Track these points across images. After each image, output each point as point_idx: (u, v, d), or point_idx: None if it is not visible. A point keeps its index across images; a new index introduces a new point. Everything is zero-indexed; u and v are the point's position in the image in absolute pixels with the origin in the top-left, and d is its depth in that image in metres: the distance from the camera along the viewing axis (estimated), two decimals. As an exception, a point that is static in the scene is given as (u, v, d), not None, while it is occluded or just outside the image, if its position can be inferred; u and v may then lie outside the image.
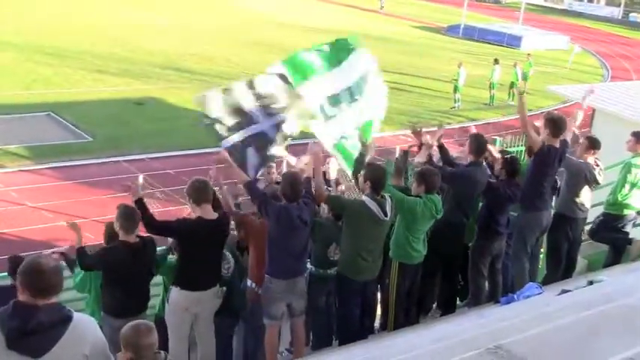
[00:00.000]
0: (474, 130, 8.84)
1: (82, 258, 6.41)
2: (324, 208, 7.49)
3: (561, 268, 8.45)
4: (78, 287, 6.96)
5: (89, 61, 29.65)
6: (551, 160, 7.58)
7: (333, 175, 9.38)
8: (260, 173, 7.98)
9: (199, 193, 6.48)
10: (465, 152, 8.05)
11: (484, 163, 8.02)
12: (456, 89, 28.32)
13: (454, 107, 28.14)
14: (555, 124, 7.51)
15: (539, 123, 7.96)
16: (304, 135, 7.86)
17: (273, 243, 6.55)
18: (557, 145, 7.55)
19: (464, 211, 7.84)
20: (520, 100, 7.90)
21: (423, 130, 8.16)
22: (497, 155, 8.40)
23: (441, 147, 8.14)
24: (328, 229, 7.22)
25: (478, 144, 7.90)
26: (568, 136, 8.03)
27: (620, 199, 8.69)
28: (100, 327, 4.34)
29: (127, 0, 47.66)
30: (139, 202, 6.41)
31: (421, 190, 7.12)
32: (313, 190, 6.83)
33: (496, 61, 29.72)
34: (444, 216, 7.29)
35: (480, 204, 8.46)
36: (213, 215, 6.52)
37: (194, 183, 6.53)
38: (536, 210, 7.73)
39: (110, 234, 6.65)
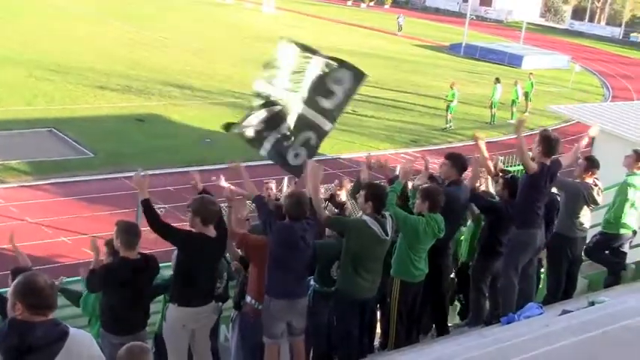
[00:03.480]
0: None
1: (91, 280, 6.38)
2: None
3: (562, 288, 8.43)
4: (87, 310, 6.89)
5: (90, 78, 29.76)
6: (542, 179, 7.44)
7: (343, 197, 9.43)
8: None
9: (210, 214, 6.45)
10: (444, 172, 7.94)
11: (464, 182, 7.97)
12: (448, 109, 27.74)
13: (446, 128, 27.64)
14: (550, 143, 7.41)
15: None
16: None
17: (274, 262, 6.52)
18: (548, 163, 7.44)
19: (446, 233, 7.63)
20: (519, 126, 7.64)
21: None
22: (491, 169, 8.34)
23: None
24: (332, 248, 7.18)
25: (461, 163, 7.88)
26: (567, 160, 7.94)
27: (616, 217, 8.67)
28: (100, 345, 4.33)
29: (128, 16, 47.95)
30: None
31: (424, 207, 7.12)
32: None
33: (497, 80, 29.63)
34: None
35: (469, 224, 8.50)
36: (214, 233, 6.53)
37: (206, 203, 6.47)
38: (528, 228, 7.58)
39: (111, 251, 6.64)
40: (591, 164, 8.38)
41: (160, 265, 6.73)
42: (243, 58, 36.58)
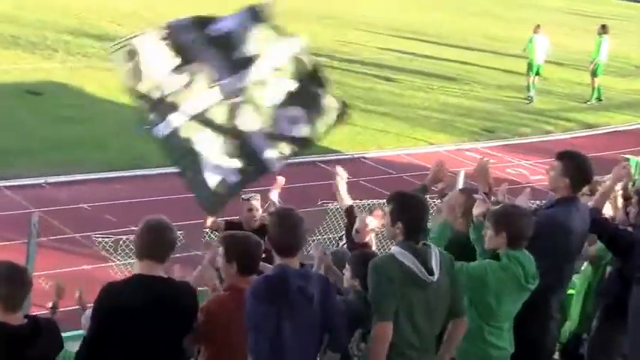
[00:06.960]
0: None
1: None
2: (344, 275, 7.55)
3: None
4: None
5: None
6: None
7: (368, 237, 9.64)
8: None
9: (154, 241, 6.41)
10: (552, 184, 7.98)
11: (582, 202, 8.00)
12: (530, 68, 28.15)
13: (528, 99, 28.35)
14: None
15: None
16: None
17: (256, 339, 6.36)
18: None
19: (556, 283, 7.77)
20: None
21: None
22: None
23: None
24: (351, 307, 7.15)
25: (578, 167, 7.80)
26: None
27: None
28: None
29: None
30: None
31: (501, 241, 7.12)
32: None
33: (603, 30, 29.29)
34: None
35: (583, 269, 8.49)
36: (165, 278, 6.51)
37: (149, 224, 6.44)
38: None
39: None
40: None
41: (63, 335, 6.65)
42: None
